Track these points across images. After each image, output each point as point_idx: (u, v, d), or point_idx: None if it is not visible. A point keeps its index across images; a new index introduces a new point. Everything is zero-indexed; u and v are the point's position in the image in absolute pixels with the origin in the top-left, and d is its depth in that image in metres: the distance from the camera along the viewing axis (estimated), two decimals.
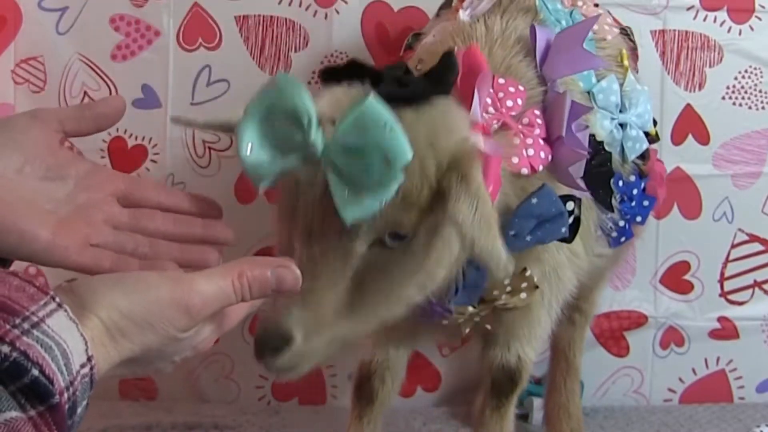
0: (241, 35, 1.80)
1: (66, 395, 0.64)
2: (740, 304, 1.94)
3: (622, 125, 1.33)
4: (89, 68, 1.81)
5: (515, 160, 1.10)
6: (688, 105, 1.87)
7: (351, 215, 0.86)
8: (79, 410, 0.66)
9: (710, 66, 1.87)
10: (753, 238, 1.93)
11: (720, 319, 1.93)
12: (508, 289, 1.21)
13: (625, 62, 1.39)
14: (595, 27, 1.39)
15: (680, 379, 1.96)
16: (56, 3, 1.79)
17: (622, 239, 1.37)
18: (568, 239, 1.18)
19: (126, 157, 1.82)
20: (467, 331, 1.25)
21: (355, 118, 0.85)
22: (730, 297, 1.94)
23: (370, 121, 0.85)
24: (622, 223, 1.35)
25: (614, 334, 1.94)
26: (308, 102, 0.86)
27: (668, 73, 1.86)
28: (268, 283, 0.80)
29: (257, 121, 0.89)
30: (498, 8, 1.30)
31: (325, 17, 1.79)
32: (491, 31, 1.25)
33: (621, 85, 1.35)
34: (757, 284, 1.94)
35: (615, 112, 1.32)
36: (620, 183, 1.33)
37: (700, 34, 1.86)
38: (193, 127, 1.09)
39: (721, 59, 1.87)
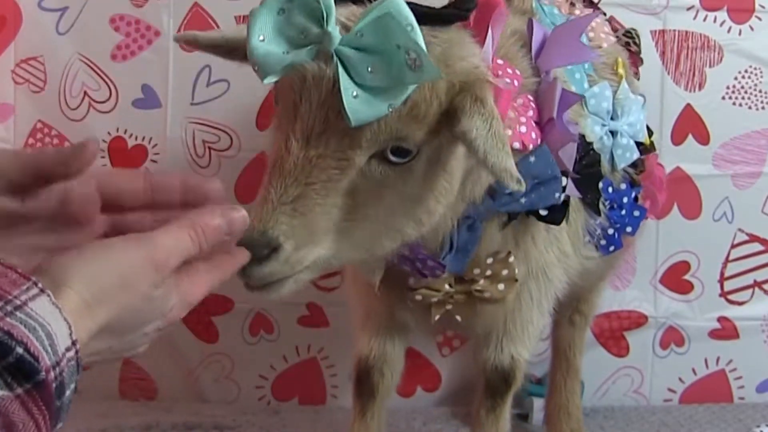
0: None
1: (53, 374, 0.64)
2: (740, 304, 1.94)
3: (613, 133, 1.33)
4: (89, 68, 1.81)
5: (508, 132, 1.09)
6: (688, 105, 1.87)
7: (357, 116, 0.84)
8: (67, 393, 0.66)
9: (710, 66, 1.87)
10: (753, 238, 1.93)
11: (720, 319, 1.93)
12: (489, 272, 1.19)
13: (620, 71, 1.39)
14: (591, 34, 1.40)
15: (680, 379, 1.96)
16: (56, 3, 1.79)
17: (611, 248, 1.36)
18: (558, 221, 1.17)
19: (126, 157, 1.82)
20: (437, 318, 1.22)
21: (378, 16, 0.83)
22: (730, 297, 1.94)
23: (394, 18, 0.83)
24: (611, 231, 1.35)
25: (614, 334, 1.94)
26: None
27: (668, 73, 1.86)
28: (220, 228, 0.80)
29: (274, 11, 0.86)
30: None
31: None
32: None
33: (614, 92, 1.35)
34: (757, 284, 1.94)
35: (606, 119, 1.32)
36: (610, 189, 1.32)
37: (700, 34, 1.86)
38: (198, 43, 1.05)
39: (721, 59, 1.87)
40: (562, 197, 1.15)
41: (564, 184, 1.15)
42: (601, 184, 1.30)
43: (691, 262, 1.92)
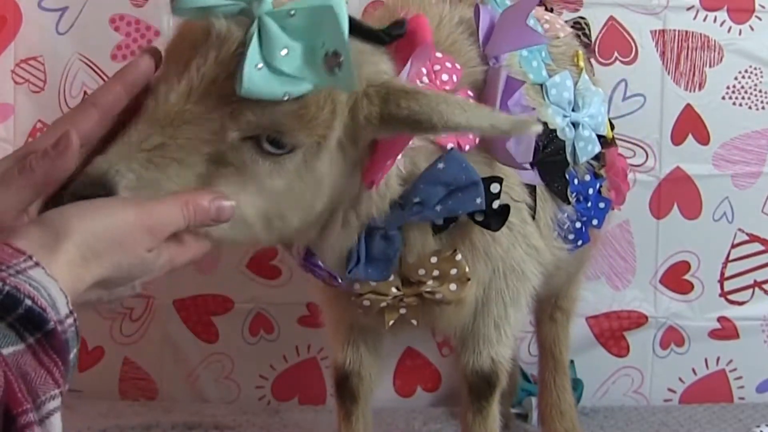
0: None
1: (60, 327, 0.67)
2: (740, 304, 1.94)
3: (574, 125, 1.31)
4: (89, 68, 1.81)
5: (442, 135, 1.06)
6: (688, 105, 1.87)
7: (251, 87, 0.80)
8: (71, 356, 0.69)
9: (710, 66, 1.87)
10: (753, 238, 1.93)
11: (720, 319, 1.93)
12: (436, 273, 1.13)
13: (581, 63, 1.38)
14: (547, 26, 1.39)
15: (680, 379, 1.96)
16: (56, 3, 1.79)
17: (579, 242, 1.35)
18: (494, 227, 1.11)
19: None
20: (391, 323, 1.19)
21: (319, 5, 0.81)
22: (730, 297, 1.94)
23: (333, 17, 0.80)
24: (578, 225, 1.33)
25: (614, 334, 1.94)
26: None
27: (668, 73, 1.87)
28: (208, 212, 0.85)
29: None
30: (449, 1, 1.27)
31: None
32: (440, 11, 1.23)
33: (575, 83, 1.33)
34: (757, 284, 1.94)
35: (567, 110, 1.30)
36: (575, 181, 1.31)
37: (700, 34, 1.86)
38: None
39: (721, 59, 1.87)
40: (493, 203, 1.09)
41: (497, 190, 1.09)
42: (567, 174, 1.28)
43: (691, 262, 1.92)
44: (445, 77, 1.11)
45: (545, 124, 1.22)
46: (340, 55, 0.80)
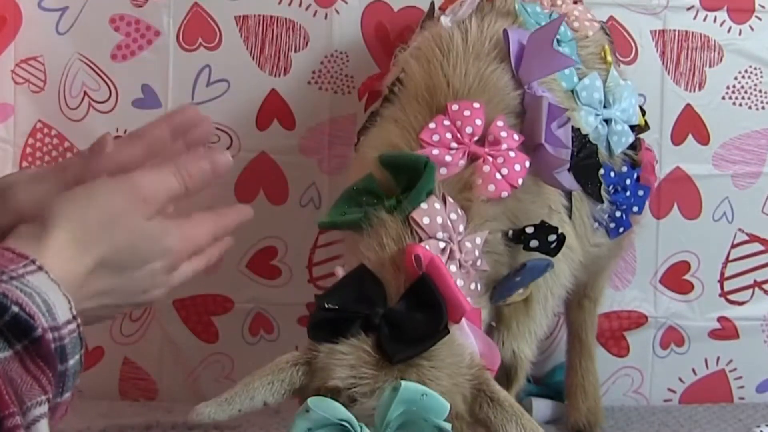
0: (241, 35, 1.80)
1: (51, 335, 0.66)
2: (740, 304, 1.94)
3: (607, 121, 1.36)
4: (89, 68, 1.81)
5: (492, 188, 1.10)
6: (688, 105, 1.87)
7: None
8: (71, 361, 0.69)
9: (710, 66, 1.87)
10: (753, 238, 1.92)
11: (720, 319, 1.93)
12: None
13: (609, 58, 1.41)
14: (576, 24, 1.41)
15: (680, 379, 1.96)
16: (56, 3, 1.79)
17: (621, 230, 1.40)
18: (553, 254, 1.19)
19: None
20: None
21: (399, 409, 0.91)
22: (730, 297, 1.94)
23: (411, 402, 0.90)
24: (618, 214, 1.38)
25: (614, 334, 1.94)
26: (345, 412, 0.93)
27: (668, 73, 1.86)
28: (203, 167, 0.84)
29: None
30: (478, 13, 1.30)
31: (325, 17, 1.80)
32: (468, 37, 1.25)
33: (604, 81, 1.38)
34: (757, 284, 1.94)
35: (599, 109, 1.35)
36: (611, 174, 1.35)
37: (700, 34, 1.86)
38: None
39: (721, 59, 1.87)
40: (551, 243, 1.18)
41: (553, 239, 1.16)
42: (602, 171, 1.32)
43: (691, 262, 1.92)
44: (469, 130, 1.12)
45: (578, 130, 1.27)
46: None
